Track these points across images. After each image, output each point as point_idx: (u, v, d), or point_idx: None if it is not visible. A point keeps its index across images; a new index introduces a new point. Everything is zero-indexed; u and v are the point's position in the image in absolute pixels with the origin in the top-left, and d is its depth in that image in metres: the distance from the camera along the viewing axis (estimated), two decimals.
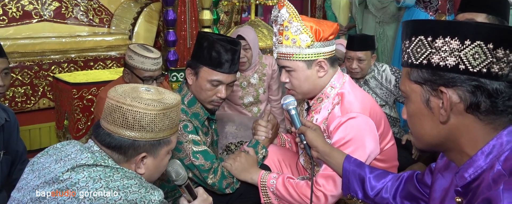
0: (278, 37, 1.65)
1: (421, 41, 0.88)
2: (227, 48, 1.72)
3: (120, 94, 1.15)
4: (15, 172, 1.99)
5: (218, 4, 3.91)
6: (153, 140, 1.16)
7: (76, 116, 2.66)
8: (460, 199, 0.90)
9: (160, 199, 1.10)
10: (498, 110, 0.84)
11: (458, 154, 0.91)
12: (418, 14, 3.33)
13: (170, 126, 1.19)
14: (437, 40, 0.86)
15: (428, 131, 0.91)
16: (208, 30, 3.35)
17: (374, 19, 3.81)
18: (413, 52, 0.90)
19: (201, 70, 1.75)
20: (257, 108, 2.92)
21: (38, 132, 3.09)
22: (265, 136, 1.87)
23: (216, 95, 1.77)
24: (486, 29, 0.83)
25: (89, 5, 3.80)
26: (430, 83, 0.87)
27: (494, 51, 0.82)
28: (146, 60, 2.20)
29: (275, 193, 1.64)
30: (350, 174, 1.39)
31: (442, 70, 0.85)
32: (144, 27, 3.69)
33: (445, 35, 0.85)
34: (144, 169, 1.19)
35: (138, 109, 1.12)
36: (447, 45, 0.84)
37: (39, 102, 3.21)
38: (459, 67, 0.84)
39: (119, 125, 1.13)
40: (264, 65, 2.90)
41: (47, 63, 3.22)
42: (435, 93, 0.87)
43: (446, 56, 0.85)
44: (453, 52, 0.84)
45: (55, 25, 3.61)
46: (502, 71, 0.82)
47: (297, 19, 1.58)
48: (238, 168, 1.71)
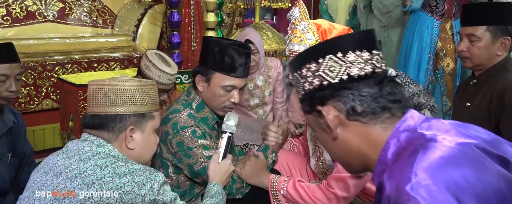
0: (290, 35, 1.70)
1: (295, 77, 0.96)
2: (241, 52, 1.71)
3: (99, 80, 1.28)
4: (22, 174, 1.98)
5: (222, 6, 3.91)
6: (137, 113, 1.26)
7: (81, 117, 2.64)
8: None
9: (164, 179, 1.22)
10: (376, 108, 0.86)
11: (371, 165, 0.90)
12: (424, 18, 3.33)
13: (150, 102, 1.30)
14: (302, 70, 0.92)
15: (339, 153, 0.95)
16: (212, 32, 3.35)
17: (378, 23, 3.82)
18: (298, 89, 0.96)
19: (214, 77, 1.72)
20: (262, 110, 2.92)
21: (42, 133, 3.07)
22: (276, 141, 1.86)
23: (229, 100, 1.76)
24: (330, 42, 0.92)
25: (93, 6, 3.79)
26: (313, 108, 0.92)
27: (345, 57, 0.87)
28: (163, 75, 2.12)
29: (286, 196, 1.63)
30: None
31: (313, 92, 0.91)
32: (148, 28, 3.69)
33: (306, 62, 0.91)
34: (134, 144, 1.27)
35: (118, 86, 1.24)
36: (309, 70, 0.91)
37: (43, 102, 3.19)
38: (323, 83, 0.89)
39: (103, 104, 1.23)
40: (269, 68, 2.90)
41: (50, 64, 3.21)
42: (318, 115, 0.91)
43: (312, 80, 0.91)
44: (314, 74, 0.90)
45: (59, 25, 3.59)
46: (363, 71, 0.87)
47: (306, 18, 1.62)
48: (248, 172, 1.71)
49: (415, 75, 3.35)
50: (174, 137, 1.70)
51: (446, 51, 3.36)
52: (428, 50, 3.35)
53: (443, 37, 3.35)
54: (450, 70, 3.37)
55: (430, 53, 3.36)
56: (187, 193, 1.84)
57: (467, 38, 1.88)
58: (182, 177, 1.80)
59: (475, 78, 1.97)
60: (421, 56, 3.37)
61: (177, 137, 1.69)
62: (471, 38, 1.87)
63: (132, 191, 1.14)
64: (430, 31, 3.33)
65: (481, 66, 1.90)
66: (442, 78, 3.39)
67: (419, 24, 3.35)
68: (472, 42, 1.87)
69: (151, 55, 2.19)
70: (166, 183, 1.23)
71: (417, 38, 3.36)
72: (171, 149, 1.72)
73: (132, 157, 1.27)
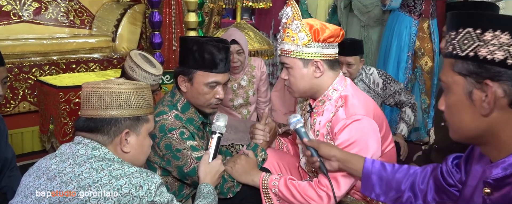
0: (281, 34, 1.70)
1: (469, 33, 0.88)
2: (220, 47, 1.69)
3: (93, 82, 1.25)
4: (4, 179, 1.92)
5: (203, 6, 3.89)
6: (132, 116, 1.24)
7: (62, 120, 2.58)
8: (489, 190, 0.92)
9: (161, 181, 1.21)
10: None
11: (495, 149, 0.92)
12: (403, 18, 3.41)
13: (145, 105, 1.28)
14: (486, 33, 0.85)
15: (467, 123, 0.92)
16: (194, 32, 3.33)
17: (358, 23, 3.88)
18: (460, 44, 0.89)
19: (196, 75, 1.71)
20: (246, 110, 2.92)
21: (20, 136, 2.98)
22: (263, 139, 1.87)
23: (215, 97, 1.75)
24: None
25: (70, 6, 3.70)
26: (475, 75, 0.87)
27: None
28: (148, 76, 2.10)
29: (277, 194, 1.64)
30: (373, 175, 1.39)
31: (489, 64, 0.85)
32: (127, 29, 3.63)
33: (495, 29, 0.84)
34: (129, 148, 1.25)
35: (113, 89, 1.22)
36: (497, 39, 0.84)
37: (20, 105, 3.10)
38: (507, 61, 0.83)
39: (97, 108, 1.21)
40: (253, 67, 2.91)
41: (27, 65, 3.12)
42: (479, 86, 0.87)
43: (495, 50, 0.84)
44: (502, 46, 0.83)
45: (34, 26, 3.50)
46: None
47: (298, 17, 1.62)
48: (239, 170, 1.71)
49: (394, 73, 3.42)
50: (162, 140, 1.68)
51: (424, 50, 3.45)
52: (407, 49, 3.43)
53: (421, 36, 3.43)
54: (428, 69, 3.46)
55: (408, 52, 3.44)
56: (177, 195, 1.82)
57: None
58: (170, 179, 1.79)
59: None
60: (400, 55, 3.44)
61: (165, 140, 1.68)
62: None
63: (129, 193, 1.13)
64: (409, 30, 3.41)
65: None
66: (421, 77, 3.48)
67: (398, 23, 3.43)
68: None
69: (135, 56, 2.15)
70: (162, 185, 1.23)
71: (396, 38, 3.44)
72: (159, 151, 1.70)
73: (127, 160, 1.25)
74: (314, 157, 1.52)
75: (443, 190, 1.25)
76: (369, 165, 1.40)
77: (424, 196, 1.31)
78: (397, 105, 2.86)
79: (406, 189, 1.33)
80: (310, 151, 1.53)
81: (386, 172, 1.37)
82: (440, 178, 1.25)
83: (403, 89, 2.81)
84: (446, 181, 1.23)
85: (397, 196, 1.35)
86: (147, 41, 3.87)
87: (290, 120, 1.65)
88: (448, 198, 1.25)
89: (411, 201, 1.33)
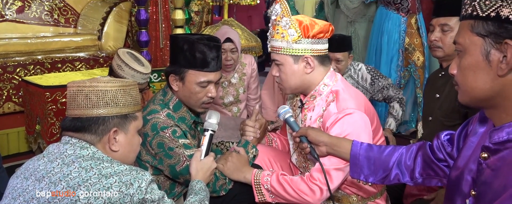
0: (271, 31, 1.70)
1: None
2: (212, 46, 1.69)
3: (79, 81, 1.22)
4: None
5: (189, 4, 3.86)
6: (119, 114, 1.23)
7: (49, 120, 2.54)
8: (486, 154, 0.93)
9: (151, 178, 1.20)
10: None
11: (502, 112, 0.93)
12: (391, 16, 3.45)
13: (133, 102, 1.26)
14: None
15: (480, 84, 0.93)
16: (181, 30, 3.31)
17: (345, 18, 3.90)
18: (480, 5, 0.90)
19: (187, 74, 1.70)
20: (237, 108, 2.91)
21: (6, 137, 2.92)
22: (254, 136, 1.87)
23: (207, 95, 1.75)
24: None
25: (54, 4, 3.64)
26: (494, 36, 0.89)
27: None
28: (137, 74, 2.08)
29: (270, 190, 1.64)
30: (361, 157, 1.41)
31: (510, 24, 0.86)
32: (113, 27, 3.58)
33: None
34: (118, 146, 1.24)
35: (99, 87, 1.20)
36: None
37: (4, 106, 3.04)
38: None
39: (84, 107, 1.19)
40: (243, 65, 2.90)
41: (11, 65, 3.06)
42: (498, 46, 0.89)
43: None
44: None
45: (18, 25, 3.43)
46: None
47: (287, 14, 1.63)
48: (231, 167, 1.71)
49: (387, 72, 3.46)
50: (154, 138, 1.67)
51: (414, 45, 3.48)
52: (398, 47, 3.47)
53: (409, 32, 3.47)
54: (421, 64, 3.51)
55: (400, 49, 3.47)
56: (168, 193, 1.81)
57: (440, 28, 1.97)
58: (162, 178, 1.78)
59: (443, 70, 2.05)
60: (392, 53, 3.48)
61: (157, 138, 1.66)
62: (444, 28, 1.95)
63: (120, 191, 1.12)
64: (398, 28, 3.45)
65: (451, 56, 1.98)
66: (415, 72, 3.52)
67: (386, 22, 3.46)
68: (445, 32, 1.95)
69: (123, 54, 2.13)
70: (153, 182, 1.22)
71: (386, 36, 3.47)
72: (151, 150, 1.69)
73: (116, 158, 1.24)
74: (304, 143, 1.55)
75: (431, 166, 1.27)
76: (357, 146, 1.43)
77: (411, 172, 1.33)
78: (385, 100, 2.89)
79: (393, 166, 1.36)
80: (301, 139, 1.56)
81: (373, 152, 1.40)
82: (429, 154, 1.27)
83: (391, 85, 2.84)
84: (436, 155, 1.25)
85: (385, 174, 1.37)
86: (133, 39, 3.83)
87: (279, 111, 1.67)
88: (435, 174, 1.28)
89: (398, 178, 1.36)
